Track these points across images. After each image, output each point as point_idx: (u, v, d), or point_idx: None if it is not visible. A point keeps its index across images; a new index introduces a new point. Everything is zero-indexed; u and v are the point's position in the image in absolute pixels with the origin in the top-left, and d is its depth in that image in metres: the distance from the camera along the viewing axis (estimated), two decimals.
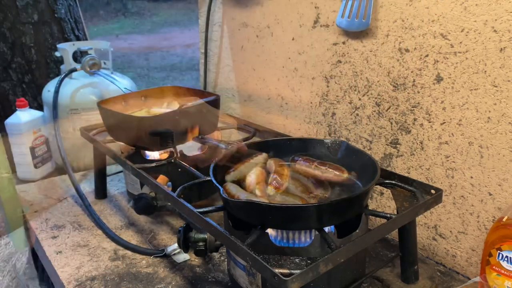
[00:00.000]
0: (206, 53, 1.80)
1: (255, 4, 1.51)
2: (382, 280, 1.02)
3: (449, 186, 1.05)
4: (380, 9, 1.11)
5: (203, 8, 1.75)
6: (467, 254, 1.05)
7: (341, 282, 0.88)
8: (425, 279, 1.03)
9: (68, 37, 2.45)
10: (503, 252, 0.85)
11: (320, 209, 0.81)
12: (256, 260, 0.72)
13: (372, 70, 1.17)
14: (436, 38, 1.01)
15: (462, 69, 0.97)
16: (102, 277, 1.07)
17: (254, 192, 0.90)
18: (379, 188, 1.22)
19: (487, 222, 0.99)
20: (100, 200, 1.48)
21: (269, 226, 0.83)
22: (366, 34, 1.16)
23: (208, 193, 1.30)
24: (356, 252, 0.79)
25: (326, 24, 1.27)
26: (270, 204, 0.84)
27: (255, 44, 1.56)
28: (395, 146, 1.16)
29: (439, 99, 1.03)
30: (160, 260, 1.13)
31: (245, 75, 1.65)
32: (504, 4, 0.88)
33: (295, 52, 1.40)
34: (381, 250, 1.15)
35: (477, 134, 0.97)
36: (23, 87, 2.16)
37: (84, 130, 1.41)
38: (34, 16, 2.32)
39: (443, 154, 1.05)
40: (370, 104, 1.20)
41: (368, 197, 0.93)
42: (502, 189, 0.95)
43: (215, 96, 1.37)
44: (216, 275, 1.07)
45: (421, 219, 1.13)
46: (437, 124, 1.05)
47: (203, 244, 1.00)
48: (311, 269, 0.71)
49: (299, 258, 0.79)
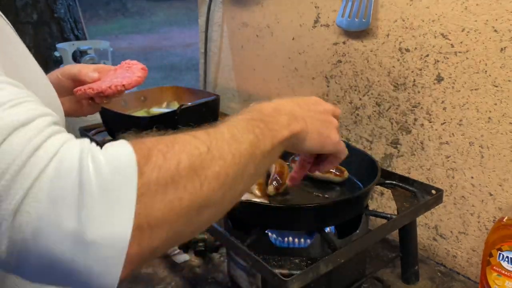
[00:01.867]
0: (206, 53, 1.80)
1: (255, 4, 1.50)
2: (383, 280, 1.01)
3: (450, 186, 1.05)
4: (381, 9, 1.11)
5: (203, 8, 1.75)
6: (467, 254, 1.05)
7: (341, 283, 0.88)
8: (425, 279, 1.03)
9: (68, 37, 2.45)
10: (503, 252, 0.85)
11: (320, 209, 0.81)
12: (256, 261, 0.72)
13: (372, 70, 1.17)
14: (437, 38, 1.01)
15: (462, 69, 0.97)
16: None
17: (254, 192, 0.90)
18: (379, 188, 1.22)
19: (488, 222, 0.99)
20: None
21: (269, 227, 0.83)
22: (367, 33, 1.16)
23: None
24: (356, 252, 0.79)
25: (326, 24, 1.26)
26: (270, 204, 0.84)
27: (255, 44, 1.55)
28: (395, 146, 1.16)
29: (439, 99, 1.03)
30: (160, 261, 1.13)
31: (245, 75, 1.65)
32: (505, 4, 0.88)
33: (295, 52, 1.39)
34: (381, 251, 1.14)
35: (478, 134, 0.97)
36: None
37: (84, 130, 1.41)
38: (34, 16, 2.32)
39: (444, 154, 1.05)
40: (370, 104, 1.19)
41: (369, 197, 0.93)
42: (502, 189, 0.95)
43: (215, 96, 1.36)
44: (216, 276, 1.06)
45: (421, 219, 1.12)
46: (438, 124, 1.05)
47: (203, 244, 1.00)
48: (311, 270, 0.70)
49: (299, 259, 0.79)
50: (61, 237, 0.37)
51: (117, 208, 0.39)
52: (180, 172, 0.43)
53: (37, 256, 0.38)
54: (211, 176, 0.45)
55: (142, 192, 0.40)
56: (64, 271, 0.39)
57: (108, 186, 0.39)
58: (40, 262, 0.38)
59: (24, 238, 0.37)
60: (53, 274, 0.39)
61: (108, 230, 0.38)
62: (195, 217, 0.45)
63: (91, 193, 0.38)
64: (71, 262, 0.38)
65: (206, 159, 0.45)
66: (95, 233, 0.38)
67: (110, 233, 0.38)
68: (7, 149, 0.38)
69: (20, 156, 0.38)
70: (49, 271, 0.39)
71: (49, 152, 0.39)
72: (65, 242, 0.38)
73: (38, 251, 0.38)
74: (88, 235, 0.38)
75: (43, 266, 0.39)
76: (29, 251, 0.38)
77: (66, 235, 0.37)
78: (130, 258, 0.39)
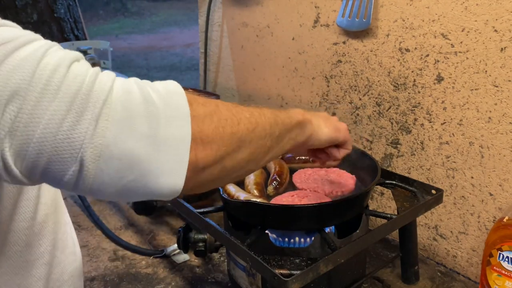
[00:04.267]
0: (206, 53, 1.80)
1: (255, 4, 1.50)
2: (383, 280, 1.01)
3: (450, 186, 1.05)
4: (381, 9, 1.11)
5: (203, 8, 1.75)
6: (467, 254, 1.05)
7: (341, 283, 0.88)
8: (425, 279, 1.03)
9: (68, 36, 2.45)
10: (503, 252, 0.85)
11: (320, 209, 0.81)
12: (256, 261, 0.72)
13: (372, 70, 1.17)
14: (437, 38, 1.00)
15: (462, 69, 0.97)
16: (101, 277, 1.07)
17: (254, 192, 0.90)
18: (379, 188, 1.21)
19: (488, 222, 0.99)
20: (100, 201, 1.48)
21: (269, 226, 0.83)
22: (367, 33, 1.16)
23: (207, 193, 1.30)
24: (356, 252, 0.79)
25: (326, 24, 1.26)
26: (270, 204, 0.84)
27: (255, 44, 1.55)
28: (395, 146, 1.16)
29: (439, 99, 1.03)
30: (160, 261, 1.13)
31: (245, 75, 1.65)
32: (505, 4, 0.88)
33: (295, 52, 1.39)
34: (381, 251, 1.14)
35: (478, 134, 0.97)
36: None
37: None
38: (34, 15, 2.32)
39: (444, 154, 1.05)
40: (370, 104, 1.19)
41: (369, 197, 0.93)
42: (502, 189, 0.95)
43: (215, 96, 1.36)
44: (216, 276, 1.06)
45: (421, 219, 1.12)
46: (438, 124, 1.05)
47: (202, 244, 0.99)
48: (311, 270, 0.70)
49: (299, 259, 0.79)
50: (138, 139, 0.44)
51: (177, 120, 0.46)
52: (220, 110, 0.51)
53: (118, 157, 0.43)
54: (245, 119, 0.54)
55: (194, 115, 0.47)
56: (141, 170, 0.44)
57: (167, 101, 0.46)
58: (121, 164, 0.43)
59: (105, 143, 0.42)
60: (131, 174, 0.44)
61: (173, 133, 0.45)
62: (236, 152, 0.53)
63: (155, 105, 0.45)
64: (147, 161, 0.44)
65: (240, 110, 0.55)
66: (164, 135, 0.45)
67: (175, 136, 0.45)
68: (76, 72, 0.43)
69: (88, 77, 0.44)
70: (127, 173, 0.44)
71: (110, 77, 0.46)
72: (141, 143, 0.44)
73: (119, 152, 0.43)
74: (159, 136, 0.44)
75: (123, 167, 0.44)
76: (112, 153, 0.43)
77: (142, 137, 0.44)
78: (191, 165, 0.46)
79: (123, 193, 0.46)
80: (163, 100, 0.46)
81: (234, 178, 0.60)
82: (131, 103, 0.44)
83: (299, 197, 0.88)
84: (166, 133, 0.45)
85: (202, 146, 0.48)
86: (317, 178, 0.95)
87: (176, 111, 0.46)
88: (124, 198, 0.56)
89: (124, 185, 0.45)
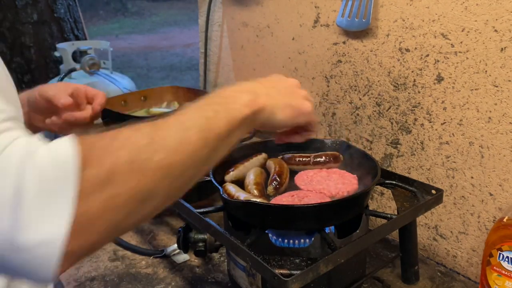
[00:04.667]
0: (206, 53, 1.80)
1: (255, 4, 1.50)
2: (383, 280, 1.01)
3: (450, 186, 1.05)
4: (381, 9, 1.11)
5: (203, 8, 1.75)
6: (467, 254, 1.05)
7: (341, 283, 0.88)
8: (425, 279, 1.03)
9: (68, 36, 2.45)
10: (504, 252, 0.85)
11: (320, 209, 0.81)
12: (256, 261, 0.72)
13: (372, 70, 1.17)
14: (437, 38, 1.00)
15: (462, 69, 0.97)
16: (101, 277, 1.07)
17: (254, 192, 0.90)
18: (379, 188, 1.21)
19: (488, 222, 0.99)
20: None
21: (269, 226, 0.83)
22: (367, 33, 1.16)
23: (207, 193, 1.30)
24: (356, 252, 0.79)
25: (326, 24, 1.26)
26: (270, 204, 0.84)
27: (255, 44, 1.55)
28: (395, 146, 1.16)
29: (439, 99, 1.03)
30: (160, 261, 1.13)
31: (245, 75, 1.65)
32: (505, 4, 0.88)
33: (295, 52, 1.39)
34: (381, 251, 1.14)
35: (478, 134, 0.97)
36: (23, 87, 2.15)
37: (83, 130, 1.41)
38: (34, 16, 2.32)
39: (444, 154, 1.05)
40: (370, 104, 1.19)
41: (369, 197, 0.93)
42: (502, 189, 0.95)
43: None
44: (216, 276, 1.06)
45: (421, 219, 1.12)
46: (438, 124, 1.05)
47: (202, 244, 0.99)
48: (311, 270, 0.70)
49: (299, 259, 0.79)
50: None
51: (54, 207, 0.39)
52: (118, 168, 0.43)
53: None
54: (154, 167, 0.45)
55: (80, 189, 0.40)
56: (2, 267, 0.39)
57: (47, 184, 0.39)
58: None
59: None
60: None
61: (43, 231, 0.38)
62: (138, 209, 0.45)
63: (28, 193, 0.38)
64: (2, 261, 0.39)
65: (147, 152, 0.45)
66: (28, 236, 0.38)
67: (44, 234, 0.38)
68: None
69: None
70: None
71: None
72: None
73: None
74: (20, 238, 0.38)
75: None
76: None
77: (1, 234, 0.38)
78: (68, 254, 0.40)
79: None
80: (41, 183, 0.39)
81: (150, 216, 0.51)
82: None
83: (299, 197, 0.88)
84: (32, 232, 0.38)
85: (87, 227, 0.41)
86: (320, 179, 0.95)
87: (54, 197, 0.39)
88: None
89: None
